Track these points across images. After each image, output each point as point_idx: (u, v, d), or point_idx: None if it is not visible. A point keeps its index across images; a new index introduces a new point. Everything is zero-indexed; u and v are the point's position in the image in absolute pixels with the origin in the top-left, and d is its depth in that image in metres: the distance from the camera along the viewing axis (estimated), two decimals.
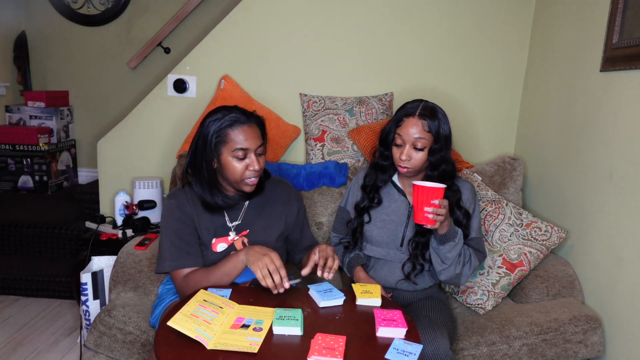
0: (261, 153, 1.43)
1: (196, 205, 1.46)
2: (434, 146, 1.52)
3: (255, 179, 1.42)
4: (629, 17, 1.59)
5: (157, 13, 3.28)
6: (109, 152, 2.43)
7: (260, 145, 1.42)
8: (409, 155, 1.52)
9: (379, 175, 1.66)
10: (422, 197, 1.35)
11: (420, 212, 1.36)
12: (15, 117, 3.22)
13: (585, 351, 1.58)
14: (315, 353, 1.05)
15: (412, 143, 1.52)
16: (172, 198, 1.47)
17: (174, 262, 1.41)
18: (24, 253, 2.79)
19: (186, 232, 1.44)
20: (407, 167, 1.54)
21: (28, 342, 2.20)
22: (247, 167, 1.39)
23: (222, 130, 1.38)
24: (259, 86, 2.35)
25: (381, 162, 1.65)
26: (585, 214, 1.79)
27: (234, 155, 1.38)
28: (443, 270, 1.53)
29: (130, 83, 3.33)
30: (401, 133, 1.53)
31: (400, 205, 1.64)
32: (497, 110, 2.39)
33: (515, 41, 2.32)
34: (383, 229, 1.63)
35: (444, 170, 1.55)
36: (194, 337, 1.08)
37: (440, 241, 1.48)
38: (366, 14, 2.30)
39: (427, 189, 1.35)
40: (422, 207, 1.35)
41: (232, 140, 1.38)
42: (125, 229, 2.21)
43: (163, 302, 1.52)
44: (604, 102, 1.71)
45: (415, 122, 1.51)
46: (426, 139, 1.51)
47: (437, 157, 1.53)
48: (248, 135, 1.39)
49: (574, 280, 1.78)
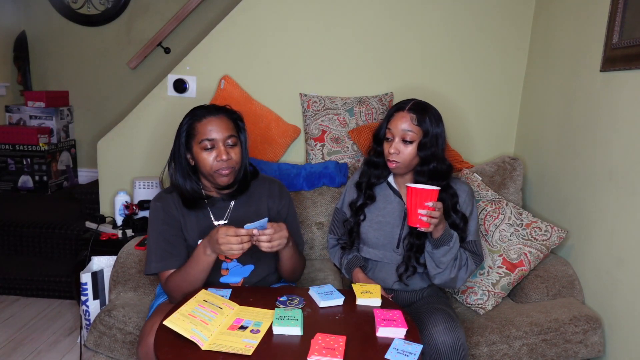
0: (233, 144, 1.43)
1: (182, 208, 1.47)
2: (423, 140, 1.51)
3: (227, 169, 1.41)
4: (629, 17, 1.59)
5: (157, 13, 3.27)
6: (109, 152, 2.43)
7: (230, 137, 1.41)
8: (397, 149, 1.52)
9: (372, 171, 1.65)
10: (416, 199, 1.34)
11: (414, 215, 1.35)
12: (15, 117, 3.22)
13: (585, 351, 1.58)
14: (315, 353, 1.05)
15: (401, 136, 1.52)
16: (158, 200, 1.48)
17: (158, 263, 1.42)
18: (24, 253, 2.79)
19: (171, 234, 1.44)
20: (395, 161, 1.53)
21: (28, 342, 2.20)
22: (216, 158, 1.39)
23: (191, 124, 1.43)
24: (259, 86, 2.35)
25: (374, 158, 1.64)
26: (585, 213, 1.79)
27: (202, 147, 1.40)
28: (437, 274, 1.51)
29: (130, 83, 3.32)
30: (391, 127, 1.54)
31: (396, 206, 1.63)
32: (497, 110, 2.39)
33: (515, 41, 2.31)
34: (379, 230, 1.62)
35: (435, 168, 1.53)
36: (189, 337, 1.08)
37: (435, 245, 1.46)
38: (366, 14, 2.30)
39: (420, 191, 1.33)
40: (415, 210, 1.34)
41: (198, 132, 1.41)
42: (125, 229, 2.21)
43: (158, 300, 1.52)
44: (604, 102, 1.71)
45: (404, 115, 1.53)
46: (414, 132, 1.51)
47: (427, 153, 1.51)
48: (214, 125, 1.40)
49: (574, 280, 1.78)
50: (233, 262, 1.48)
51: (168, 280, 1.40)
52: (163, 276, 1.42)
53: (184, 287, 1.37)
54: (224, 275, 1.48)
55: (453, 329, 1.33)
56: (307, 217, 2.04)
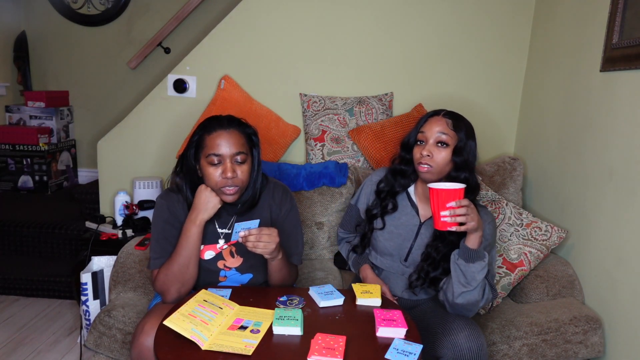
0: (241, 162, 1.36)
1: (187, 208, 1.43)
2: (459, 144, 1.42)
3: (232, 188, 1.35)
4: (629, 17, 1.59)
5: (157, 13, 3.28)
6: (109, 152, 2.43)
7: (238, 153, 1.35)
8: (430, 151, 1.41)
9: (398, 179, 1.55)
10: (439, 199, 1.23)
11: (438, 217, 1.24)
12: (15, 117, 3.22)
13: (586, 351, 1.58)
14: (315, 353, 1.05)
15: (436, 139, 1.42)
16: (163, 198, 1.46)
17: (156, 260, 1.41)
18: (24, 253, 2.79)
19: (171, 234, 1.42)
20: (428, 164, 1.41)
21: (28, 342, 2.19)
22: (222, 174, 1.34)
23: (201, 136, 1.38)
24: (259, 86, 2.35)
25: (401, 166, 1.54)
26: (585, 213, 1.79)
27: (208, 162, 1.35)
28: (464, 292, 1.33)
29: (130, 83, 3.33)
30: (424, 130, 1.45)
31: (411, 219, 1.54)
32: (497, 110, 2.39)
33: (515, 41, 2.31)
34: (390, 240, 1.56)
35: (466, 178, 1.42)
36: (189, 337, 1.08)
37: (472, 258, 1.30)
38: (366, 14, 2.30)
39: (443, 191, 1.22)
40: (439, 211, 1.23)
41: (207, 145, 1.36)
42: (125, 229, 2.21)
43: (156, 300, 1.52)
44: (604, 102, 1.71)
45: (439, 119, 1.45)
46: (450, 136, 1.42)
47: (463, 159, 1.41)
48: (223, 140, 1.34)
49: (574, 280, 1.78)
50: (232, 271, 1.47)
51: (159, 272, 1.38)
52: (155, 273, 1.41)
53: (175, 270, 1.35)
54: (222, 281, 1.47)
55: (477, 335, 1.29)
56: (307, 217, 2.04)
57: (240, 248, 1.47)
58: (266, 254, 1.33)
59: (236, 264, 1.47)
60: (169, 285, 1.37)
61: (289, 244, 1.50)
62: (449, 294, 1.37)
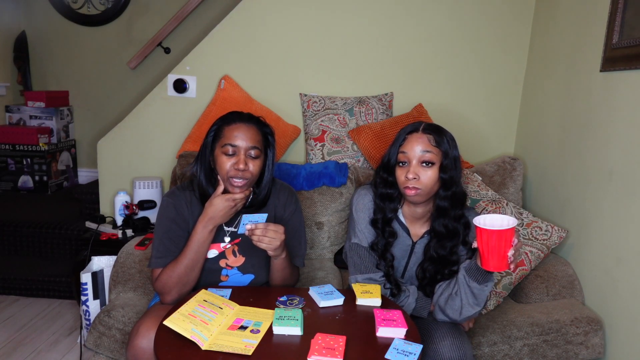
0: (255, 157, 1.38)
1: (194, 208, 1.44)
2: (445, 161, 1.36)
3: (241, 181, 1.36)
4: (629, 17, 1.59)
5: (157, 13, 3.28)
6: (109, 152, 2.43)
7: (253, 148, 1.37)
8: (415, 173, 1.34)
9: (386, 204, 1.44)
10: (497, 241, 1.13)
11: (494, 258, 1.15)
12: (15, 117, 3.22)
13: (586, 352, 1.58)
14: (315, 353, 1.05)
15: (419, 159, 1.35)
16: (170, 197, 1.45)
17: (158, 259, 1.41)
18: (24, 253, 2.79)
19: (176, 234, 1.42)
20: (415, 187, 1.34)
21: (28, 342, 2.19)
22: (234, 165, 1.36)
23: (220, 126, 1.41)
24: (259, 86, 2.35)
25: (386, 190, 1.44)
26: (585, 213, 1.79)
27: (223, 151, 1.38)
28: (472, 311, 1.31)
29: (130, 83, 3.33)
30: (405, 150, 1.37)
31: (404, 240, 1.48)
32: (497, 110, 2.39)
33: (515, 41, 2.32)
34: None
35: (454, 193, 1.38)
36: (189, 337, 1.08)
37: (485, 279, 1.26)
38: (366, 14, 2.30)
39: (502, 233, 1.12)
40: (494, 253, 1.14)
41: (224, 135, 1.39)
42: (125, 229, 2.21)
43: (156, 298, 1.52)
44: (604, 102, 1.71)
45: (419, 136, 1.37)
46: (435, 153, 1.35)
47: (450, 175, 1.36)
48: (241, 132, 1.37)
49: (573, 280, 1.78)
50: (233, 270, 1.47)
51: (162, 272, 1.38)
52: (156, 273, 1.41)
53: (180, 272, 1.35)
54: (223, 281, 1.47)
55: (460, 345, 1.26)
56: (307, 217, 2.04)
57: (243, 247, 1.47)
58: (270, 250, 1.34)
59: (238, 263, 1.47)
60: (171, 287, 1.37)
61: (292, 245, 1.51)
62: (450, 313, 1.33)
